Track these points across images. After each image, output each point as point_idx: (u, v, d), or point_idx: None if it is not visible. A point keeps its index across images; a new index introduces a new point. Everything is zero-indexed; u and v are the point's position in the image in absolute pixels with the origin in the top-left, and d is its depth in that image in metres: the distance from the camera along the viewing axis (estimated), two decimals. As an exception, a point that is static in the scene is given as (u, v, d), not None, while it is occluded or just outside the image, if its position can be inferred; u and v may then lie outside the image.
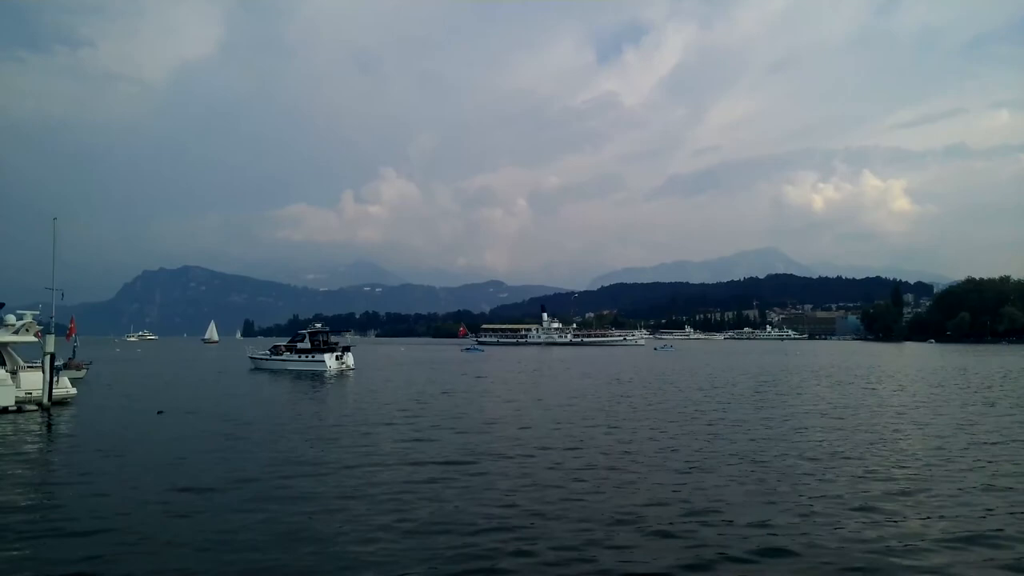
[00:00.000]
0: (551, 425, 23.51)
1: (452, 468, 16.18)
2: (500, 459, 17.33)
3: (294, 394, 36.60)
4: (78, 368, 46.98)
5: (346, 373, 54.22)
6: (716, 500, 13.03)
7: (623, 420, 24.79)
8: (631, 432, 21.81)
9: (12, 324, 30.09)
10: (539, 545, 10.44)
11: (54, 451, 19.16)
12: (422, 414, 26.62)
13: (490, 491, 13.93)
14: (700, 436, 20.94)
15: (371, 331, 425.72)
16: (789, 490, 13.78)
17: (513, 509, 12.53)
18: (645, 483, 14.55)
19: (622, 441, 20.11)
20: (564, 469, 16.07)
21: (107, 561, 9.69)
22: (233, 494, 13.43)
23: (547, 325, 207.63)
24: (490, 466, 16.46)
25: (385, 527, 11.34)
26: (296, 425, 23.77)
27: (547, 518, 11.92)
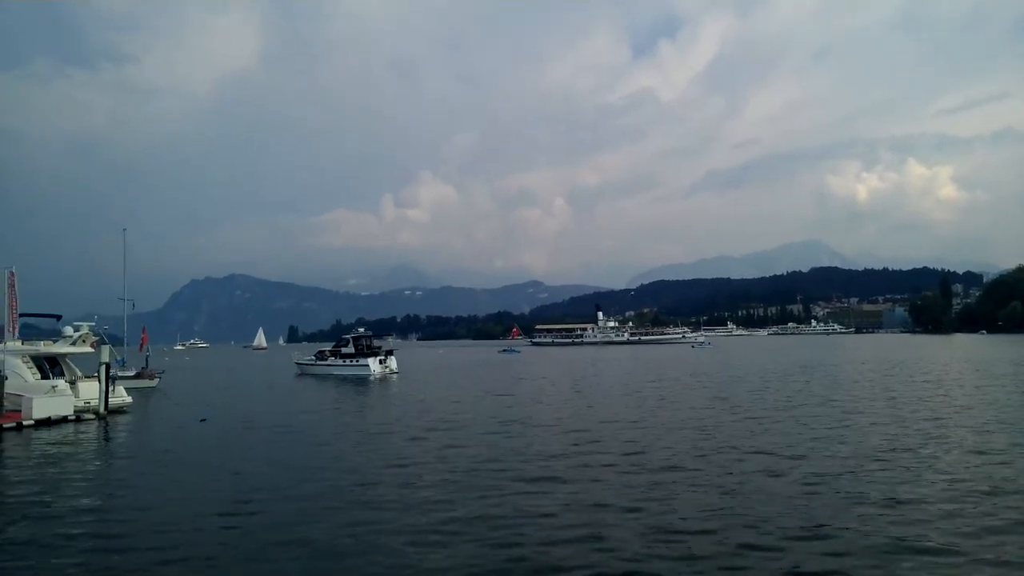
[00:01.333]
0: (608, 425, 23.70)
1: (499, 475, 16.29)
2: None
3: (341, 399, 37.23)
4: (151, 377, 47.68)
5: (390, 377, 54.88)
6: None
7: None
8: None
9: (70, 336, 31.29)
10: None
11: (108, 460, 19.79)
12: (467, 418, 26.82)
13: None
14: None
15: (412, 334, 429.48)
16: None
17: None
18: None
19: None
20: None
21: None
22: (281, 506, 13.24)
23: (603, 324, 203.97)
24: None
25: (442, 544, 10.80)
26: (347, 432, 24.15)
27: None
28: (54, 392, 27.36)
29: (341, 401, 36.23)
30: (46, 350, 30.52)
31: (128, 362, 48.98)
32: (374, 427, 24.83)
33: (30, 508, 13.43)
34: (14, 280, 30.44)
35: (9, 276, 30.39)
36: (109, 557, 10.36)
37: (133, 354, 52.06)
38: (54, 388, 27.79)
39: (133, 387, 43.85)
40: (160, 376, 49.11)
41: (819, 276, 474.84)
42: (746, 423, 23.17)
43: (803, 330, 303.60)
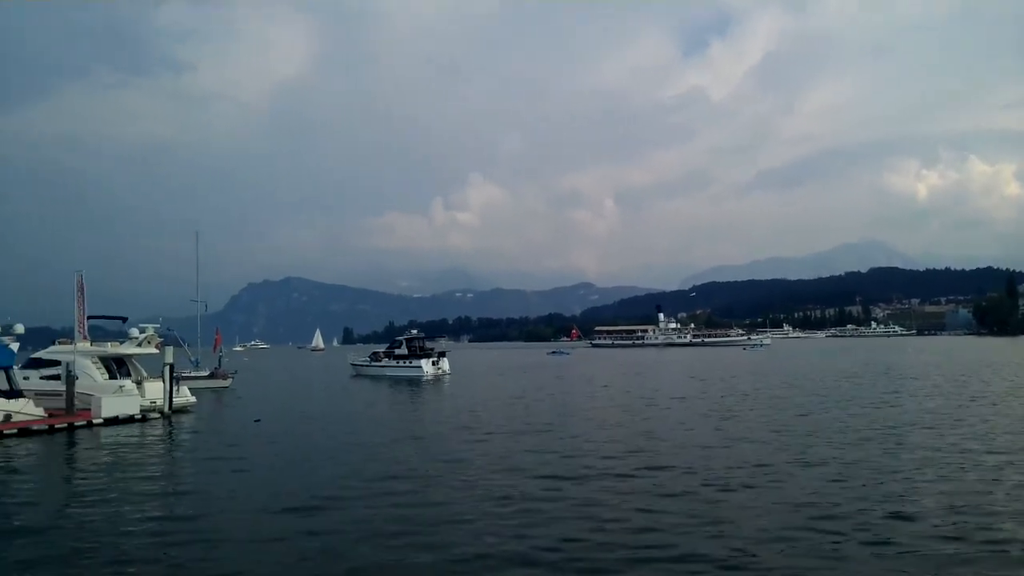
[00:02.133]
0: (639, 425, 23.68)
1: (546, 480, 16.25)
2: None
3: (395, 400, 37.96)
4: (224, 378, 48.91)
5: (442, 378, 55.57)
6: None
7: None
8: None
9: (135, 337, 32.47)
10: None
11: (170, 456, 20.75)
12: (523, 418, 27.10)
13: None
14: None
15: (464, 336, 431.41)
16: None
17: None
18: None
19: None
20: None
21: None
22: (333, 508, 13.14)
23: (664, 326, 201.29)
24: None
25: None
26: (405, 432, 24.65)
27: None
28: (121, 392, 28.49)
29: (395, 402, 36.93)
30: (113, 351, 31.75)
31: (202, 363, 50.31)
32: (428, 428, 25.33)
33: (99, 498, 14.15)
34: (82, 283, 31.71)
35: (78, 279, 31.66)
36: (172, 539, 10.90)
37: (207, 355, 53.51)
38: (121, 388, 28.94)
39: (207, 387, 45.16)
40: (233, 376, 50.10)
41: (878, 277, 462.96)
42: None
43: (863, 332, 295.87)
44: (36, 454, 20.64)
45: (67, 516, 12.95)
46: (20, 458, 19.85)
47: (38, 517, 12.90)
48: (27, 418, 24.82)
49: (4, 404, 24.56)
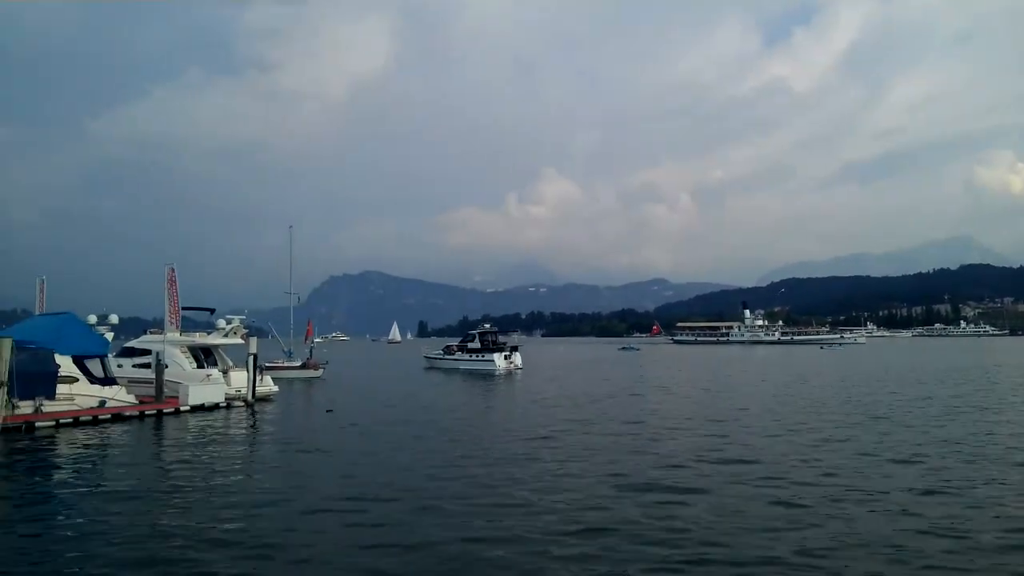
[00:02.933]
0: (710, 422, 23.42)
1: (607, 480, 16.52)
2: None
3: (469, 393, 38.48)
4: (315, 368, 50.34)
5: (514, 372, 55.94)
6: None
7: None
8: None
9: (222, 328, 33.82)
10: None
11: (252, 442, 21.56)
12: (598, 418, 27.09)
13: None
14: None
15: (536, 331, 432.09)
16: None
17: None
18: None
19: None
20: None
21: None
22: (402, 503, 13.00)
23: (750, 322, 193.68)
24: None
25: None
26: (477, 427, 24.94)
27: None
28: (208, 380, 29.78)
29: (469, 394, 37.42)
30: (201, 341, 33.11)
31: (294, 353, 51.89)
32: (501, 422, 25.59)
33: (186, 481, 14.89)
34: (174, 276, 33.15)
35: (169, 272, 33.08)
36: (253, 514, 11.43)
37: (298, 345, 55.10)
38: (208, 377, 30.26)
39: (299, 377, 46.86)
40: (324, 367, 51.29)
41: (969, 274, 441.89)
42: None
43: (951, 332, 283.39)
44: (127, 438, 21.75)
45: (153, 493, 13.74)
46: (113, 441, 20.99)
47: (135, 490, 13.73)
48: (120, 404, 26.11)
49: (99, 390, 25.84)
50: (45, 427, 22.50)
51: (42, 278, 37.24)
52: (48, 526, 11.79)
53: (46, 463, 17.93)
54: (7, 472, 16.78)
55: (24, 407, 22.51)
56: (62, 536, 11.16)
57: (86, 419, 24.00)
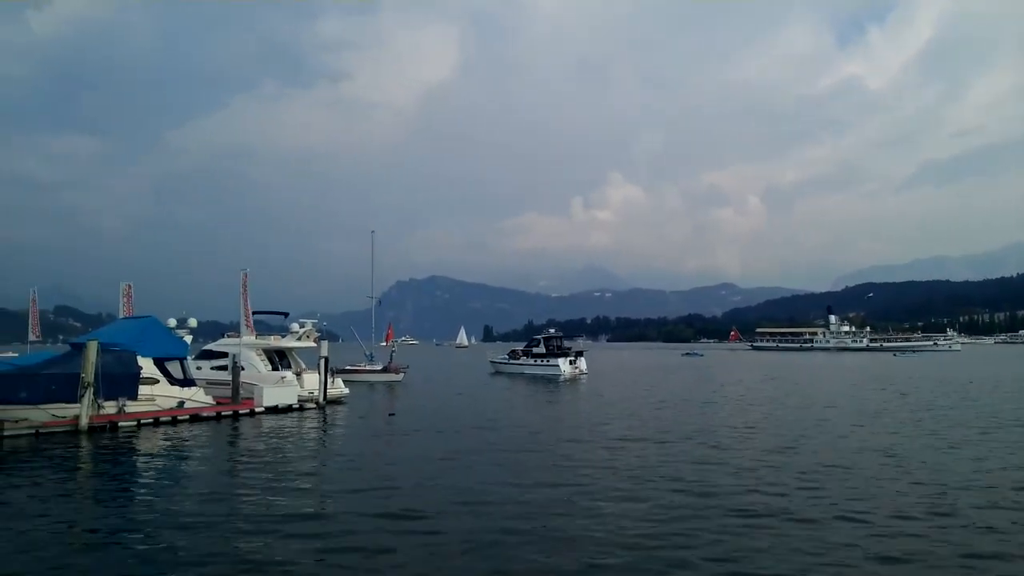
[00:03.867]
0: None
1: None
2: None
3: (534, 398, 38.52)
4: (396, 372, 50.40)
5: (579, 378, 55.63)
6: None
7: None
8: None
9: (295, 332, 34.71)
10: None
11: (323, 442, 22.09)
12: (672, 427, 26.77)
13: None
14: None
15: (602, 336, 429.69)
16: None
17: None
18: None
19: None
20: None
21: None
22: (467, 514, 12.51)
23: (836, 328, 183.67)
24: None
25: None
26: (546, 434, 24.87)
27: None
28: (282, 382, 30.61)
29: (533, 400, 37.45)
30: (275, 344, 34.04)
31: (376, 357, 52.51)
32: (568, 430, 25.48)
33: (260, 479, 15.27)
34: (247, 281, 34.16)
35: (243, 277, 34.10)
36: (324, 501, 11.73)
37: (379, 349, 55.74)
38: (283, 379, 31.10)
39: (381, 381, 47.40)
40: (406, 371, 51.38)
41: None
42: None
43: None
44: (204, 438, 22.43)
45: (228, 490, 14.18)
46: (191, 441, 21.66)
47: (213, 488, 14.24)
48: (198, 405, 26.97)
49: (178, 392, 26.73)
50: (127, 426, 23.39)
51: (126, 283, 38.79)
52: (129, 520, 12.30)
53: (128, 461, 18.70)
54: (93, 468, 17.64)
55: (109, 407, 23.46)
56: (142, 529, 11.66)
57: (166, 419, 24.88)
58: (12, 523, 12.01)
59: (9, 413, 21.60)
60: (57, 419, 22.33)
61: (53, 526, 11.89)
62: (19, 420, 21.55)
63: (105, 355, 23.59)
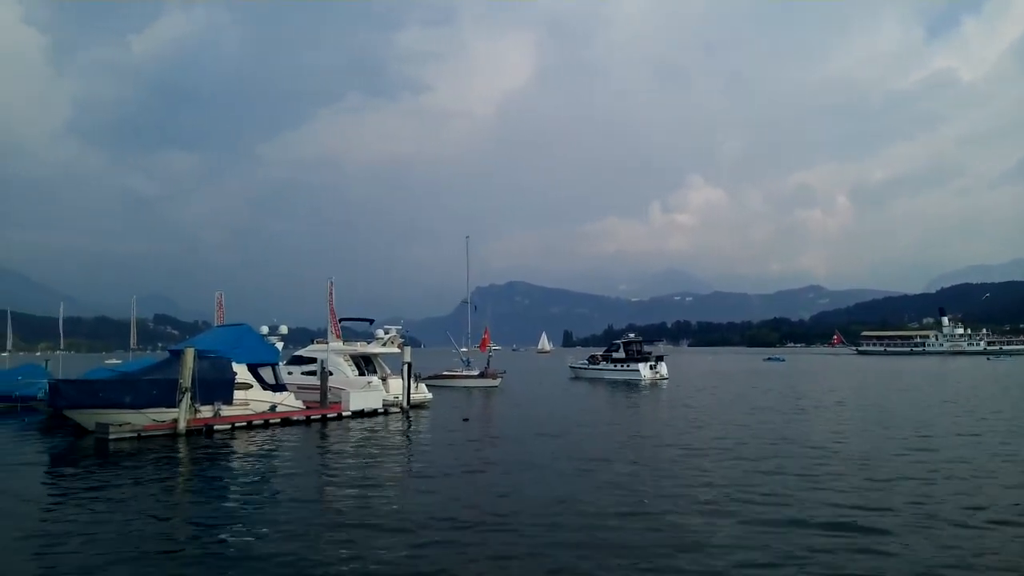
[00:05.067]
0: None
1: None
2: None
3: (613, 404, 38.23)
4: (493, 377, 50.08)
5: (659, 382, 54.93)
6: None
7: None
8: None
9: (381, 338, 35.46)
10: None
11: (406, 445, 22.43)
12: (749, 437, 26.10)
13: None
14: None
15: (683, 340, 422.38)
16: None
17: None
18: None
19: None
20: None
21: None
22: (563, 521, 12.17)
23: (949, 330, 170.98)
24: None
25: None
26: (624, 440, 24.72)
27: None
28: (368, 387, 31.26)
29: (613, 406, 37.17)
30: (362, 350, 34.83)
31: (472, 362, 52.59)
32: (648, 437, 25.15)
33: (348, 480, 15.70)
34: (333, 288, 35.06)
35: (329, 285, 35.02)
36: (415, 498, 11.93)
37: (476, 354, 55.95)
38: (369, 384, 31.77)
39: (477, 387, 47.43)
40: (502, 376, 51.05)
41: None
42: None
43: None
44: (295, 440, 23.09)
45: (318, 491, 14.66)
46: (283, 443, 22.37)
47: (304, 488, 14.71)
48: (288, 409, 27.77)
49: (270, 396, 27.56)
50: (222, 430, 24.27)
51: (220, 293, 40.49)
52: (224, 517, 12.93)
53: (224, 462, 19.43)
54: (191, 469, 18.41)
55: (205, 411, 24.37)
56: (236, 525, 12.26)
57: (258, 423, 25.72)
58: (117, 516, 12.84)
59: (114, 417, 22.74)
60: (157, 423, 23.31)
61: (154, 519, 12.68)
62: (123, 424, 22.64)
63: (202, 362, 24.49)
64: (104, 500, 14.17)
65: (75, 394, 23.74)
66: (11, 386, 32.28)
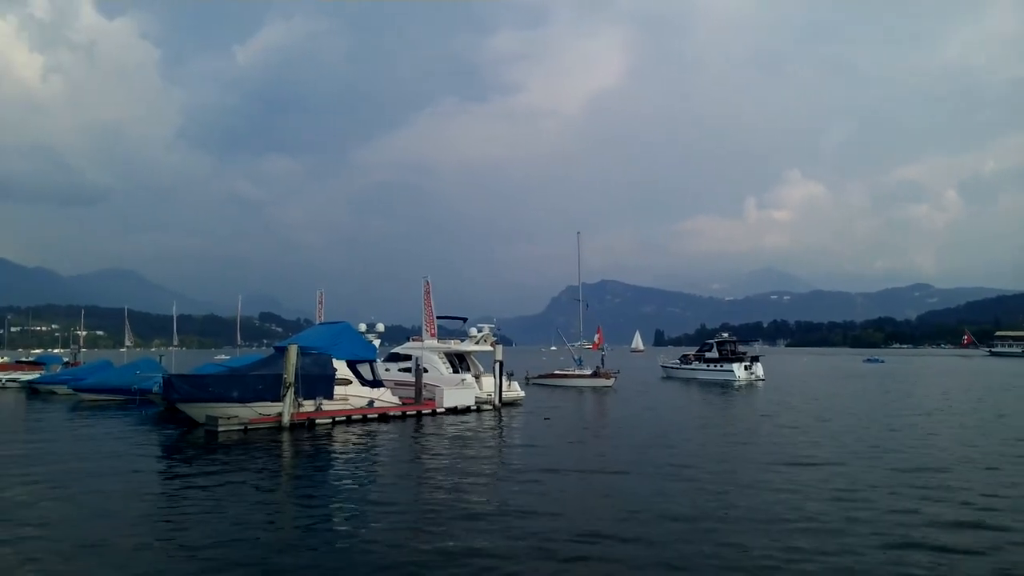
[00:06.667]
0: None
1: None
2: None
3: (706, 405, 37.54)
4: (607, 377, 48.51)
5: (755, 383, 53.58)
6: None
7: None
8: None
9: (474, 336, 35.97)
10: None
11: (498, 441, 22.71)
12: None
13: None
14: None
15: (780, 340, 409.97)
16: None
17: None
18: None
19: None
20: None
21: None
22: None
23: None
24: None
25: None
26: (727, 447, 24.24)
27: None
28: (462, 385, 31.80)
29: (706, 407, 36.50)
30: (456, 348, 35.43)
31: (584, 361, 51.94)
32: (741, 443, 24.50)
33: (444, 473, 16.08)
34: (429, 287, 35.78)
35: (425, 284, 35.77)
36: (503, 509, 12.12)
37: (588, 354, 55.12)
38: (463, 381, 32.30)
39: (589, 386, 46.70)
40: (616, 376, 49.40)
41: None
42: None
43: None
44: (392, 435, 23.77)
45: (415, 481, 15.01)
46: (380, 438, 23.06)
47: (401, 480, 15.10)
48: (385, 405, 28.56)
49: (368, 392, 28.43)
50: (323, 424, 25.18)
51: (321, 291, 41.99)
52: (328, 506, 13.56)
53: (326, 454, 20.17)
54: (295, 460, 19.25)
55: (307, 406, 25.36)
56: (338, 514, 12.88)
57: (357, 418, 26.60)
58: (225, 501, 13.71)
59: (223, 410, 23.92)
60: (263, 416, 24.37)
61: (262, 507, 13.53)
62: (231, 417, 23.79)
63: (304, 358, 25.46)
64: (216, 487, 15.05)
65: (187, 388, 25.08)
66: (129, 380, 34.36)
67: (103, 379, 37.07)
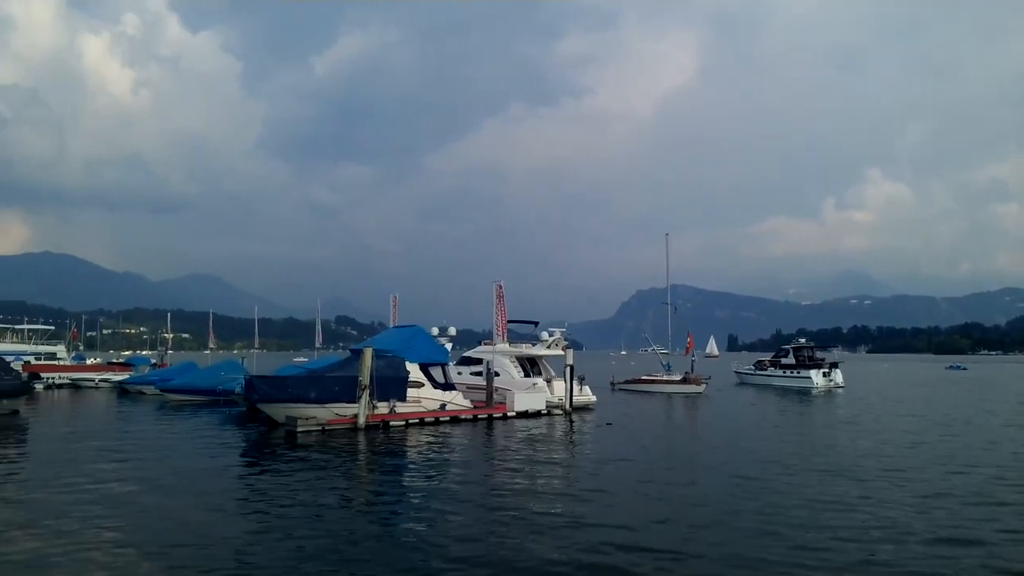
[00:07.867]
0: None
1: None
2: None
3: (780, 413, 36.72)
4: (697, 383, 47.24)
5: (834, 391, 52.01)
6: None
7: None
8: None
9: (545, 340, 36.05)
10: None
11: (569, 447, 22.74)
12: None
13: None
14: None
15: (860, 347, 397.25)
16: None
17: None
18: None
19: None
20: None
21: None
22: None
23: None
24: None
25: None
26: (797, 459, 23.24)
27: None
28: (533, 389, 31.94)
29: (780, 415, 35.72)
30: (527, 352, 35.57)
31: (673, 367, 50.93)
32: (814, 456, 23.66)
33: (515, 476, 16.27)
34: (501, 292, 36.03)
35: (497, 288, 36.04)
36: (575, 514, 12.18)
37: (678, 359, 54.04)
38: (534, 385, 32.43)
39: (679, 392, 45.78)
40: (707, 382, 48.11)
41: None
42: None
43: None
44: (463, 438, 24.07)
45: (486, 484, 15.27)
46: (453, 440, 23.39)
47: (473, 482, 15.43)
48: (457, 407, 28.95)
49: (440, 395, 28.86)
50: (397, 425, 25.72)
51: (395, 295, 42.76)
52: (401, 504, 13.97)
53: (400, 455, 20.67)
54: (371, 460, 19.76)
55: (381, 408, 25.92)
56: (411, 513, 13.22)
57: (429, 420, 27.03)
58: (305, 498, 14.32)
59: (302, 411, 24.67)
60: (339, 417, 25.03)
61: (340, 503, 14.12)
62: (309, 417, 24.51)
63: (378, 360, 26.05)
64: (296, 484, 15.66)
65: (267, 389, 25.94)
66: (214, 381, 35.73)
67: (188, 380, 38.66)
